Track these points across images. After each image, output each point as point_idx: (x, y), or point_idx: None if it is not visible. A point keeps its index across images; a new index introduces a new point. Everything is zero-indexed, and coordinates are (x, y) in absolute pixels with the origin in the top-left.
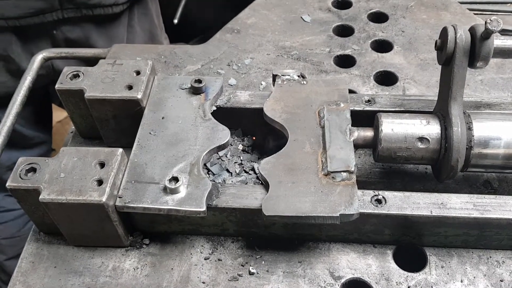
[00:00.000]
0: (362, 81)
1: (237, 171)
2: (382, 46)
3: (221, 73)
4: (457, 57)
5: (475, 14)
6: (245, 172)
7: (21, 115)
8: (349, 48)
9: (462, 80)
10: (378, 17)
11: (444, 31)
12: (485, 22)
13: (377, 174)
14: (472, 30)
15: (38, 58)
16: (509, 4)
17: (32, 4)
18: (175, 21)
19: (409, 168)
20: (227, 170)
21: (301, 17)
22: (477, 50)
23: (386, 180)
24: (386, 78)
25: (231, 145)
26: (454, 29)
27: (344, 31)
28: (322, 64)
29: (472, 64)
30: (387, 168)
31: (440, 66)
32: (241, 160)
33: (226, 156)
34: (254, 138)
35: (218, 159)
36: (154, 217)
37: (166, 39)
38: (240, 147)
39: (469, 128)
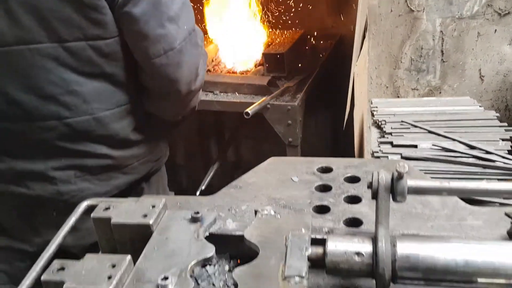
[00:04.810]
0: (333, 223)
1: (221, 286)
2: (353, 200)
3: (222, 216)
4: (380, 192)
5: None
6: (228, 287)
7: None
8: (326, 201)
9: (386, 209)
10: (352, 179)
11: (371, 175)
12: (395, 166)
13: None
14: (391, 174)
15: (83, 205)
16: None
17: None
18: (198, 193)
19: None
20: (213, 284)
21: (291, 178)
22: (394, 188)
23: None
24: (353, 223)
25: (219, 266)
26: (378, 172)
27: (324, 188)
28: (302, 211)
29: (394, 198)
30: None
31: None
32: (226, 278)
33: (214, 275)
34: (239, 261)
35: (208, 276)
36: None
37: None
38: (227, 267)
39: (394, 246)
